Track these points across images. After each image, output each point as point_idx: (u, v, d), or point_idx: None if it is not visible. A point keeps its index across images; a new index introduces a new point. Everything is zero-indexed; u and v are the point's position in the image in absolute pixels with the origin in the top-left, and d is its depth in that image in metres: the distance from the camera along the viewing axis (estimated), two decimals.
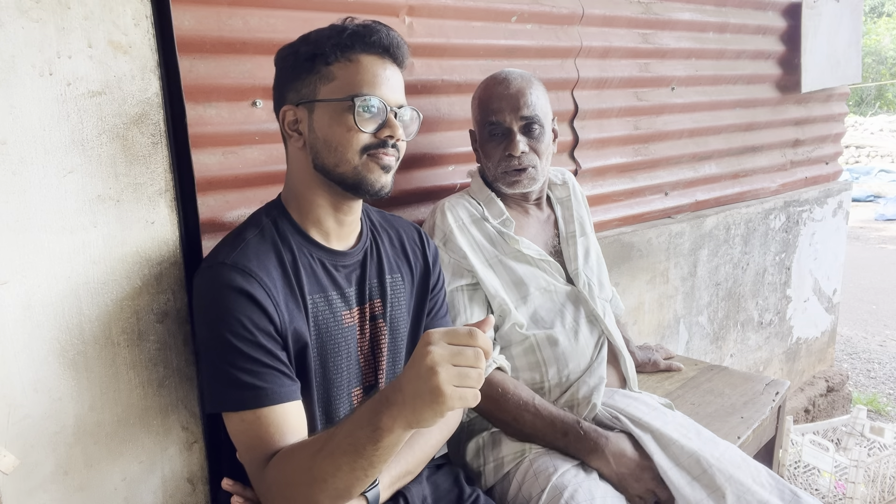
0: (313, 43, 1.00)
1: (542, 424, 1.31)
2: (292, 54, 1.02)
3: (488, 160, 1.46)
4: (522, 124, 1.41)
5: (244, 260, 0.98)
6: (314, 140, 1.01)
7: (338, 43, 0.98)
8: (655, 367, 1.88)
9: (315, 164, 1.03)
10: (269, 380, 0.95)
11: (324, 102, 0.99)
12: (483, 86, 1.48)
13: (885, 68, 21.03)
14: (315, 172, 1.03)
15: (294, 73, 1.02)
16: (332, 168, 1.01)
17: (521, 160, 1.42)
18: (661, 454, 1.27)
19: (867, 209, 9.83)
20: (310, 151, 1.02)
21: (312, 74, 1.00)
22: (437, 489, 1.20)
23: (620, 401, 1.41)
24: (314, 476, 0.86)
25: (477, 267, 1.39)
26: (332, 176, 1.02)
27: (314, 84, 1.00)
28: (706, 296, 2.56)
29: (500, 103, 1.41)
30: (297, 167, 1.06)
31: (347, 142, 0.99)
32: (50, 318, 1.00)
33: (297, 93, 1.02)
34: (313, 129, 1.01)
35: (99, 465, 1.07)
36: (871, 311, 5.12)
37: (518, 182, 1.44)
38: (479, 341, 0.77)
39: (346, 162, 1.00)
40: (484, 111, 1.45)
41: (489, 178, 1.49)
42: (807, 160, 3.04)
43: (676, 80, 2.35)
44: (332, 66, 0.99)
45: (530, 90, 1.42)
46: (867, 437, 2.62)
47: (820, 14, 2.80)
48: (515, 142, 1.40)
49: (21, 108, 0.94)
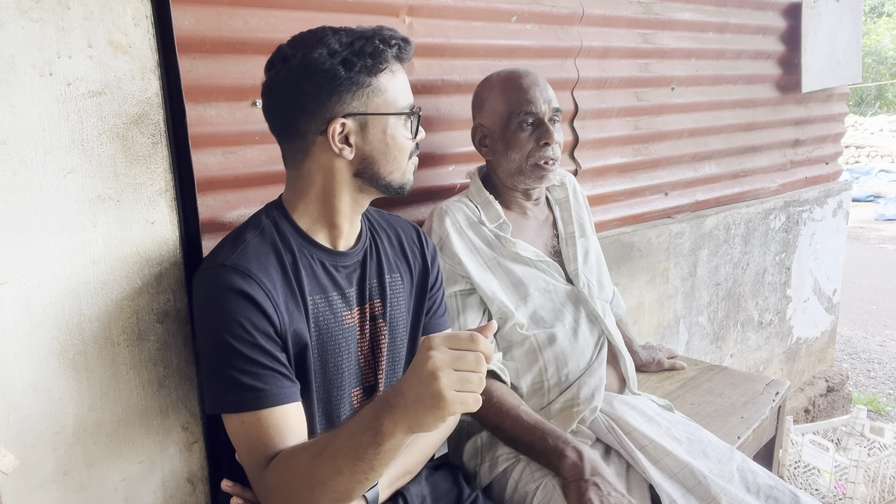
0: (361, 54, 0.97)
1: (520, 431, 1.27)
2: (336, 65, 0.96)
3: (516, 152, 1.43)
4: (551, 115, 1.43)
5: (244, 261, 0.97)
6: (370, 151, 1.02)
7: (389, 56, 1.00)
8: (659, 366, 1.88)
9: (361, 173, 1.03)
10: (268, 381, 0.95)
11: (381, 116, 1.00)
12: (504, 79, 1.46)
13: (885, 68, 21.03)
14: (353, 179, 1.04)
15: (340, 85, 0.97)
16: (386, 175, 1.04)
17: (555, 150, 1.43)
18: (654, 469, 1.27)
19: (867, 209, 9.83)
20: (359, 162, 1.02)
21: (363, 87, 0.98)
22: (436, 489, 1.21)
23: (618, 407, 1.40)
24: (315, 479, 0.86)
25: (474, 271, 1.38)
26: (380, 182, 1.04)
27: (366, 97, 0.99)
28: (706, 296, 2.56)
29: (535, 92, 1.42)
30: (325, 175, 1.03)
31: (404, 151, 1.05)
32: (50, 318, 1.00)
33: (346, 105, 0.98)
34: (369, 140, 1.01)
35: (99, 465, 1.07)
36: (871, 311, 5.12)
37: (545, 176, 1.45)
38: (480, 346, 0.77)
39: (399, 169, 1.05)
40: (516, 101, 1.42)
41: (510, 172, 1.46)
42: (807, 160, 3.04)
43: (676, 80, 2.35)
44: (380, 79, 1.00)
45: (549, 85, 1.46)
46: (867, 437, 2.62)
47: (820, 14, 2.80)
48: (551, 131, 1.41)
49: (21, 108, 0.94)
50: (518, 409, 1.30)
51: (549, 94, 1.44)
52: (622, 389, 1.52)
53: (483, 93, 1.49)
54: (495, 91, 1.46)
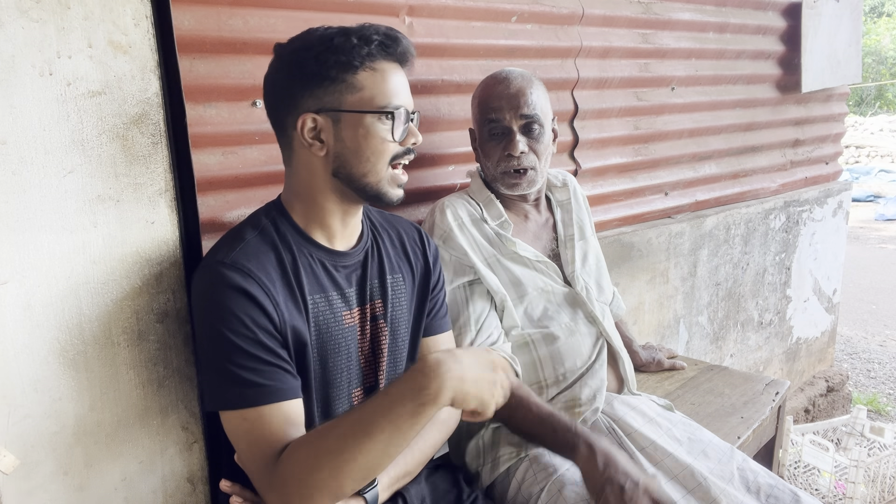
0: (334, 49, 0.96)
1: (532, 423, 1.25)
2: (309, 59, 0.97)
3: (487, 160, 1.46)
4: (522, 123, 1.41)
5: (242, 259, 0.97)
6: (342, 149, 1.00)
7: (365, 52, 0.97)
8: (659, 366, 1.88)
9: (337, 172, 1.02)
10: (271, 377, 0.94)
11: (353, 113, 0.98)
12: (483, 85, 1.48)
13: (885, 68, 21.02)
14: (332, 179, 1.03)
15: (311, 80, 0.98)
16: (360, 177, 1.01)
17: (521, 160, 1.41)
18: (654, 470, 1.27)
19: (867, 209, 9.83)
20: (333, 160, 1.01)
21: (336, 83, 0.97)
22: (435, 490, 1.20)
23: (619, 408, 1.40)
24: (345, 457, 0.86)
25: (477, 264, 1.39)
26: (356, 184, 1.02)
27: (339, 93, 0.98)
28: (706, 296, 2.56)
29: (500, 102, 1.41)
30: (308, 172, 1.03)
31: (381, 152, 1.01)
32: (50, 318, 1.00)
33: (318, 100, 0.98)
34: (341, 138, 1.00)
35: (99, 465, 1.07)
36: (871, 311, 5.12)
37: (517, 185, 1.44)
38: None
39: (375, 172, 1.02)
40: (484, 110, 1.44)
41: (488, 178, 1.49)
42: (807, 160, 3.04)
43: (676, 80, 2.35)
44: (358, 76, 0.98)
45: (531, 89, 1.42)
46: (867, 437, 2.62)
47: (820, 14, 2.80)
48: (515, 141, 1.40)
49: (21, 108, 0.94)
50: (529, 400, 1.29)
51: (520, 102, 1.39)
52: (621, 389, 1.52)
53: (473, 97, 1.51)
54: (476, 97, 1.49)
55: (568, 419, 1.28)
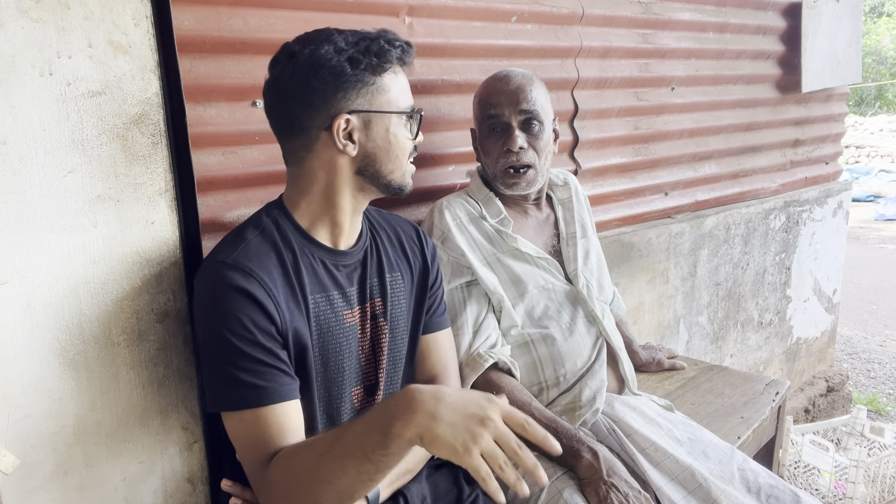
0: (368, 53, 1.00)
1: None
2: (342, 62, 0.98)
3: (487, 157, 1.46)
4: (522, 119, 1.41)
5: (244, 259, 0.98)
6: (373, 149, 1.03)
7: (394, 56, 1.02)
8: (660, 366, 1.88)
9: (363, 171, 1.04)
10: (269, 378, 0.95)
11: (384, 114, 1.02)
12: (484, 83, 1.48)
13: (885, 68, 21.02)
14: (355, 177, 1.05)
15: (346, 82, 0.99)
16: (387, 174, 1.06)
17: (520, 156, 1.41)
18: (655, 471, 1.27)
19: (867, 209, 9.83)
20: (361, 159, 1.03)
21: (368, 85, 1.01)
22: (436, 489, 1.21)
23: (619, 409, 1.40)
24: (319, 477, 0.86)
25: (475, 265, 1.39)
26: (381, 180, 1.06)
27: (370, 94, 1.01)
28: (706, 296, 2.56)
29: (500, 97, 1.41)
30: (327, 172, 1.03)
31: (405, 150, 1.07)
32: (50, 318, 1.00)
33: (350, 102, 1.00)
34: (372, 138, 1.03)
35: (99, 465, 1.07)
36: (871, 311, 5.12)
37: (516, 184, 1.44)
38: (529, 433, 0.81)
39: (400, 168, 1.07)
40: (483, 106, 1.45)
41: (488, 176, 1.49)
42: (807, 160, 3.04)
43: (676, 80, 2.35)
44: (384, 78, 1.02)
45: (531, 87, 1.42)
46: (867, 437, 2.62)
47: (820, 14, 2.80)
48: (514, 136, 1.40)
49: (21, 108, 0.94)
50: (530, 406, 1.30)
51: (519, 98, 1.40)
52: (621, 390, 1.52)
53: (475, 96, 1.52)
54: (477, 95, 1.50)
55: (570, 426, 1.28)
